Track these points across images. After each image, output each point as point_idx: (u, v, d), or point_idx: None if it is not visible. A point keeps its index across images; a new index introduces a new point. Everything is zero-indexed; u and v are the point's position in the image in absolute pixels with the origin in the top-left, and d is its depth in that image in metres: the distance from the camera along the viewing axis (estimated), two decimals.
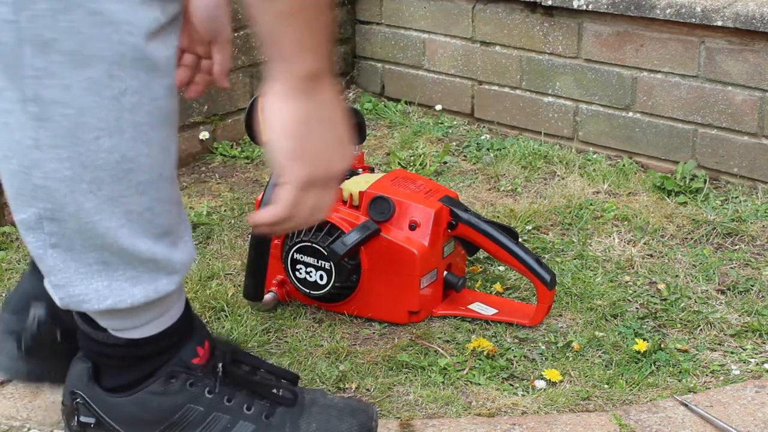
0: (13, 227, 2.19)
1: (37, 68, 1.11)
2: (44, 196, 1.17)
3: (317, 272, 1.81)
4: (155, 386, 1.33)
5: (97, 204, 1.18)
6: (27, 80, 1.11)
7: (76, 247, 1.20)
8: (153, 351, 1.32)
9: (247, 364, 1.39)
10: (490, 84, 2.70)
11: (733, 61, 2.29)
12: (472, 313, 1.84)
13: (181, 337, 1.34)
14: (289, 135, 1.17)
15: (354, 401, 1.46)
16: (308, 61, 1.16)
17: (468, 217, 1.82)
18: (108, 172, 1.17)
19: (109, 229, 1.19)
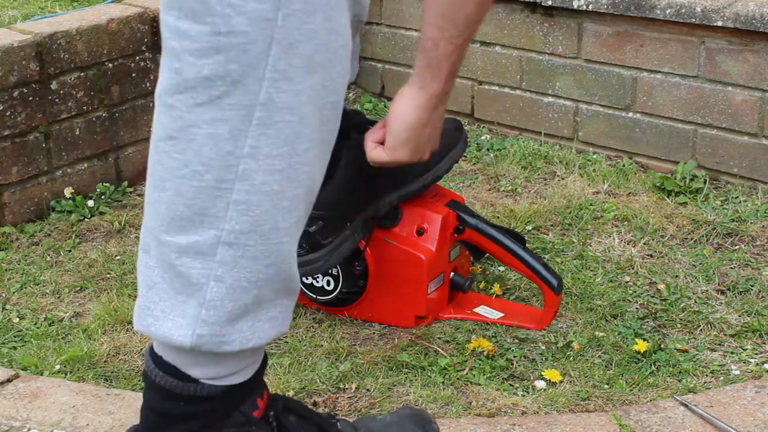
0: (13, 227, 2.19)
1: (278, 70, 1.06)
2: (237, 215, 1.09)
3: (324, 278, 1.81)
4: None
5: (290, 224, 1.13)
6: (264, 82, 1.06)
7: (243, 279, 1.12)
8: (234, 404, 1.20)
9: (294, 412, 1.29)
10: (490, 84, 2.70)
11: (733, 61, 2.29)
12: (478, 317, 1.84)
13: (255, 386, 1.24)
14: (408, 130, 1.51)
15: (406, 409, 1.40)
16: (449, 84, 1.48)
17: (475, 221, 1.82)
18: (304, 189, 1.13)
19: (290, 253, 1.15)
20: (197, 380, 1.18)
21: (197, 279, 1.12)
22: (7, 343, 1.80)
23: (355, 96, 2.93)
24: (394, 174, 1.76)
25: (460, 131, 1.91)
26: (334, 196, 1.67)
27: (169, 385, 1.18)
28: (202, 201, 1.09)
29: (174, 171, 1.10)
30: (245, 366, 1.21)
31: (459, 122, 1.94)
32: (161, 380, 1.18)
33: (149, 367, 1.19)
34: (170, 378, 1.18)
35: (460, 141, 1.89)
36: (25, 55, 2.15)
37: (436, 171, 1.82)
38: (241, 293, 1.13)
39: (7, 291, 1.97)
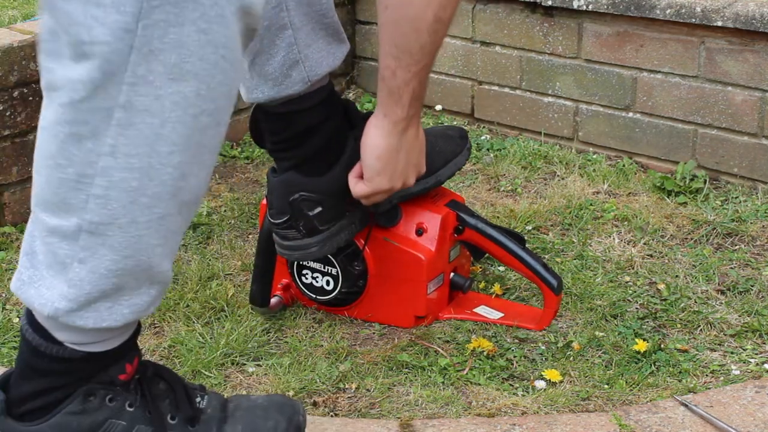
0: (13, 227, 2.19)
1: (137, 76, 1.11)
2: (96, 207, 1.16)
3: (324, 278, 1.81)
4: (73, 406, 1.28)
5: (150, 219, 1.18)
6: (124, 86, 1.11)
7: (103, 266, 1.19)
8: (97, 368, 1.29)
9: (165, 380, 1.36)
10: (490, 84, 2.70)
11: (733, 61, 2.29)
12: (478, 317, 1.84)
13: (123, 354, 1.31)
14: (380, 159, 1.59)
15: (279, 397, 1.45)
16: (413, 108, 1.55)
17: (475, 222, 1.82)
18: (168, 188, 1.18)
19: (149, 247, 1.20)
20: (62, 343, 1.26)
21: (63, 258, 1.20)
22: (7, 343, 1.80)
23: (356, 96, 2.93)
24: None
25: (465, 139, 1.91)
26: (335, 183, 1.68)
27: (36, 343, 1.27)
28: (65, 192, 1.17)
29: (44, 160, 1.18)
30: (110, 337, 1.28)
31: (464, 130, 1.94)
32: (31, 337, 1.28)
33: (24, 323, 1.29)
34: (38, 337, 1.27)
35: (464, 149, 1.89)
36: (25, 55, 2.15)
37: (438, 176, 1.83)
38: (100, 279, 1.20)
39: (7, 291, 1.97)
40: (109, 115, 1.12)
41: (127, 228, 1.17)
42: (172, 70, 1.12)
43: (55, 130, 1.15)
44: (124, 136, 1.13)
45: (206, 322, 1.84)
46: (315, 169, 1.69)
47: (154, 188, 1.17)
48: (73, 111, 1.13)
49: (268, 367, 1.71)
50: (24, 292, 1.24)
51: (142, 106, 1.12)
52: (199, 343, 1.76)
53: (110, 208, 1.16)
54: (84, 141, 1.14)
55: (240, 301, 1.89)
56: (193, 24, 1.11)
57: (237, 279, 1.99)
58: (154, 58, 1.11)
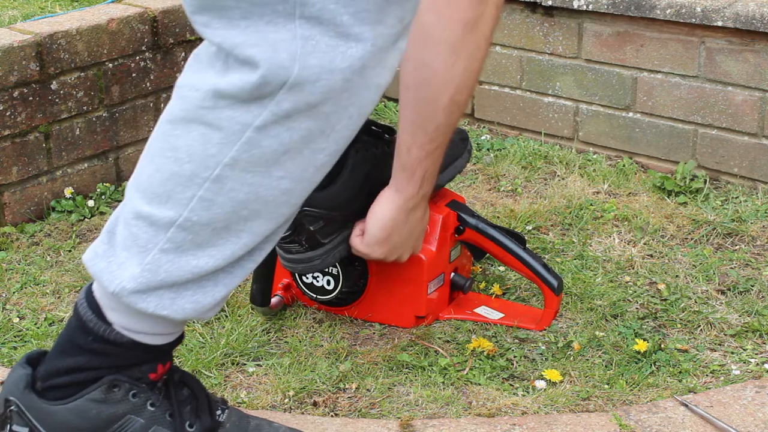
0: (13, 227, 2.19)
1: (282, 108, 1.14)
2: (198, 207, 1.19)
3: (324, 277, 1.81)
4: (96, 393, 1.30)
5: (241, 230, 1.22)
6: (265, 112, 1.15)
7: (180, 262, 1.22)
8: (134, 359, 1.30)
9: (190, 387, 1.38)
10: (490, 84, 2.70)
11: (733, 61, 2.29)
12: (478, 317, 1.84)
13: (162, 355, 1.33)
14: (383, 230, 1.65)
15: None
16: (425, 188, 1.61)
17: (475, 222, 1.82)
18: (269, 210, 1.22)
19: (233, 255, 1.23)
20: (111, 324, 1.28)
21: (144, 243, 1.22)
22: (7, 343, 1.80)
23: None
24: None
25: (466, 142, 1.91)
26: (338, 197, 1.68)
27: (86, 318, 1.28)
28: (174, 185, 1.20)
29: (164, 151, 1.21)
30: (159, 332, 1.30)
31: (465, 133, 1.94)
32: (83, 311, 1.29)
33: (80, 297, 1.31)
34: (90, 312, 1.28)
35: (465, 152, 1.90)
36: (25, 55, 2.15)
37: (438, 180, 1.82)
38: (177, 271, 1.23)
39: (8, 291, 1.97)
40: (242, 131, 1.16)
41: (220, 232, 1.21)
42: (310, 110, 1.15)
43: (188, 126, 1.18)
44: (247, 153, 1.17)
45: (206, 322, 1.84)
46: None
47: (255, 205, 1.21)
48: (211, 115, 1.16)
49: (269, 367, 1.71)
50: (95, 264, 1.26)
51: (274, 134, 1.16)
52: (199, 343, 1.76)
53: (212, 212, 1.20)
54: (210, 145, 1.17)
55: (240, 301, 1.89)
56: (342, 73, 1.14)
57: None
58: (299, 94, 1.14)
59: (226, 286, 1.27)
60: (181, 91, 1.20)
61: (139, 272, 1.23)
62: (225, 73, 1.16)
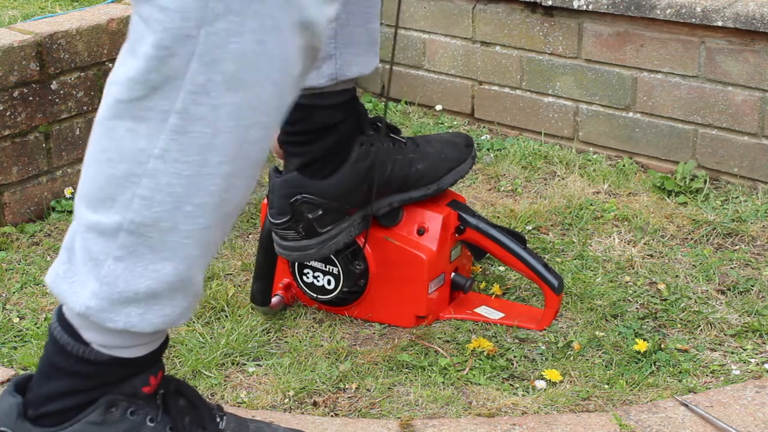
0: (13, 227, 2.19)
1: (197, 84, 1.11)
2: (140, 208, 1.15)
3: (325, 277, 1.81)
4: (94, 416, 1.26)
5: (191, 228, 1.18)
6: (181, 93, 1.11)
7: (136, 269, 1.18)
8: (121, 374, 1.27)
9: (186, 397, 1.35)
10: (490, 84, 2.70)
11: (733, 61, 2.29)
12: (478, 317, 1.84)
13: (149, 365, 1.30)
14: None
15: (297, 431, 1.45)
16: None
17: (476, 222, 1.82)
18: (214, 199, 1.17)
19: (189, 256, 1.19)
20: (89, 344, 1.25)
21: (97, 254, 1.18)
22: (7, 343, 1.80)
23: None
24: (400, 179, 1.77)
25: (470, 147, 1.91)
26: (338, 188, 1.68)
27: (63, 341, 1.25)
28: (112, 188, 1.16)
29: (96, 154, 1.18)
30: (138, 344, 1.26)
31: (470, 138, 1.94)
32: (58, 335, 1.25)
33: (53, 321, 1.27)
34: (66, 335, 1.25)
35: (469, 157, 1.90)
36: (25, 55, 2.15)
37: (440, 183, 1.83)
38: (134, 278, 1.19)
39: (8, 291, 1.97)
40: (165, 119, 1.12)
41: (167, 233, 1.17)
42: (230, 81, 1.12)
43: (112, 124, 1.15)
44: (176, 142, 1.13)
45: (206, 322, 1.84)
46: (319, 172, 1.69)
47: (201, 198, 1.16)
48: (131, 107, 1.13)
49: (269, 367, 1.71)
50: (57, 286, 1.23)
51: (199, 115, 1.12)
52: (199, 343, 1.76)
53: (154, 211, 1.15)
54: (138, 139, 1.14)
55: (240, 301, 1.89)
56: (252, 34, 1.11)
57: (237, 279, 1.99)
58: (215, 67, 1.11)
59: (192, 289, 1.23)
60: (107, 89, 1.17)
61: (98, 287, 1.19)
62: (133, 57, 1.12)
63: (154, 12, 1.09)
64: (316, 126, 1.67)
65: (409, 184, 1.79)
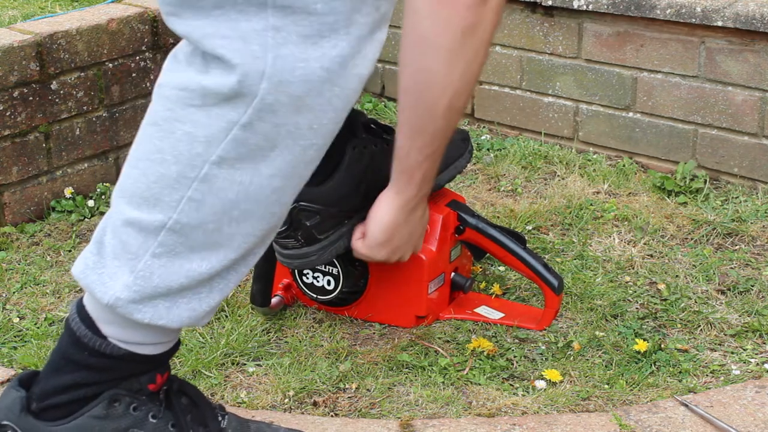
0: (13, 227, 2.19)
1: (265, 103, 1.15)
2: (188, 209, 1.19)
3: (324, 277, 1.81)
4: (97, 410, 1.28)
5: (234, 233, 1.21)
6: (250, 109, 1.15)
7: (172, 266, 1.21)
8: (132, 371, 1.29)
9: (189, 396, 1.37)
10: (490, 84, 2.70)
11: (733, 61, 2.29)
12: (478, 317, 1.84)
13: (159, 364, 1.31)
14: (384, 233, 1.63)
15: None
16: (424, 189, 1.59)
17: (476, 222, 1.82)
18: (260, 209, 1.21)
19: (225, 259, 1.23)
20: (106, 337, 1.26)
21: (135, 249, 1.21)
22: (7, 343, 1.80)
23: None
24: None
25: (467, 142, 1.91)
26: (334, 193, 1.68)
27: (80, 333, 1.27)
28: (161, 188, 1.19)
29: (148, 154, 1.20)
30: (154, 342, 1.28)
31: (466, 133, 1.94)
32: (76, 326, 1.27)
33: (71, 313, 1.29)
34: (84, 327, 1.27)
35: (466, 152, 1.90)
36: (25, 55, 2.15)
37: (438, 180, 1.82)
38: (170, 275, 1.22)
39: (8, 291, 1.97)
40: (228, 129, 1.16)
41: (211, 234, 1.20)
42: (295, 103, 1.16)
43: (173, 126, 1.17)
44: (235, 152, 1.17)
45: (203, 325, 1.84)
46: (313, 179, 1.69)
47: (247, 205, 1.20)
48: (199, 113, 1.16)
49: (269, 367, 1.71)
50: (86, 276, 1.24)
51: (261, 131, 1.16)
52: (199, 343, 1.76)
53: (202, 213, 1.19)
54: (196, 144, 1.16)
55: (240, 301, 1.89)
56: (317, 61, 1.15)
57: None
58: (283, 88, 1.14)
59: (221, 291, 1.26)
60: (163, 91, 1.19)
61: (132, 280, 1.21)
62: (206, 70, 1.15)
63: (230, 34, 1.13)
64: None
65: None
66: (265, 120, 1.15)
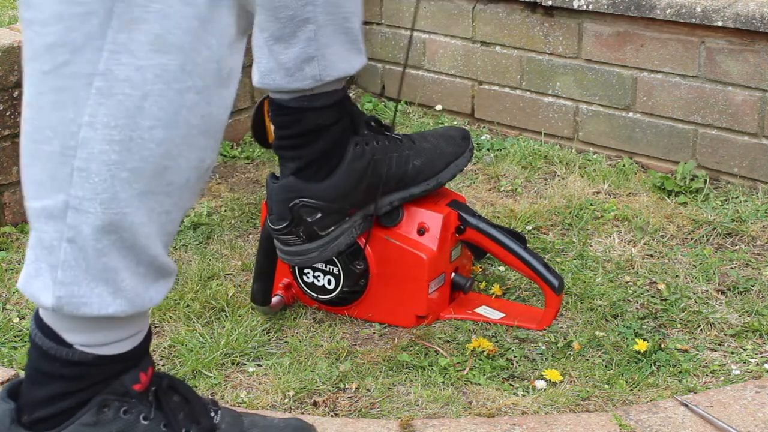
0: (13, 227, 2.19)
1: (118, 44, 1.08)
2: (80, 181, 1.12)
3: (325, 277, 1.81)
4: (87, 417, 1.24)
5: (131, 195, 1.14)
6: (104, 53, 1.08)
7: (90, 245, 1.15)
8: (109, 373, 1.25)
9: (180, 393, 1.33)
10: (490, 84, 2.70)
11: (733, 61, 2.29)
12: (479, 317, 1.84)
13: (136, 361, 1.28)
14: None
15: (294, 420, 1.43)
16: None
17: (476, 221, 1.82)
18: (150, 164, 1.14)
19: (133, 225, 1.15)
20: (71, 345, 1.23)
21: (50, 242, 1.16)
22: (7, 343, 1.80)
23: (356, 96, 2.93)
24: (398, 177, 1.76)
25: (467, 140, 1.91)
26: (336, 189, 1.68)
27: (46, 347, 1.23)
28: (52, 166, 1.13)
29: (30, 136, 1.15)
30: (120, 339, 1.24)
31: (466, 131, 1.94)
32: (40, 340, 1.23)
33: (32, 327, 1.25)
34: (47, 340, 1.23)
35: (466, 151, 1.90)
36: None
37: (439, 179, 1.83)
38: (91, 258, 1.16)
39: (8, 291, 1.97)
40: (89, 83, 1.09)
41: (108, 204, 1.13)
42: (154, 41, 1.09)
43: (40, 101, 1.12)
44: (104, 106, 1.10)
45: (206, 322, 1.84)
46: (315, 175, 1.69)
47: (135, 163, 1.13)
48: (54, 77, 1.10)
49: (268, 367, 1.71)
50: (29, 286, 1.20)
51: (123, 76, 1.09)
52: (199, 343, 1.76)
53: (92, 182, 1.12)
54: (65, 109, 1.11)
55: (240, 301, 1.89)
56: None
57: (237, 279, 1.99)
58: (136, 27, 1.08)
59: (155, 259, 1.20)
60: (24, 69, 1.13)
61: (60, 274, 1.16)
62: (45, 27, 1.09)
63: None
64: (309, 128, 1.66)
65: (408, 181, 1.79)
66: (123, 63, 1.09)
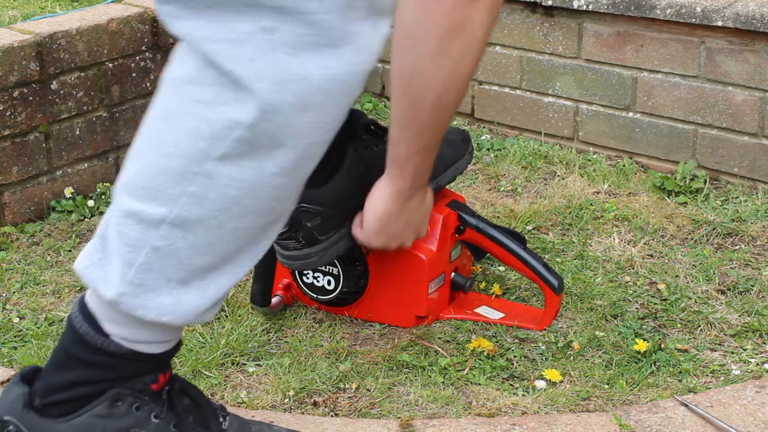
0: (13, 227, 2.19)
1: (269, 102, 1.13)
2: (189, 203, 1.17)
3: (325, 277, 1.81)
4: (99, 409, 1.27)
5: (235, 228, 1.20)
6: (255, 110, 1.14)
7: (173, 260, 1.20)
8: (137, 370, 1.28)
9: (190, 396, 1.36)
10: (491, 84, 2.70)
11: (733, 61, 2.29)
12: (479, 317, 1.84)
13: (163, 364, 1.30)
14: (379, 220, 1.64)
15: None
16: (418, 181, 1.60)
17: (476, 222, 1.82)
18: (262, 206, 1.20)
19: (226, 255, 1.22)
20: (108, 335, 1.25)
21: (135, 242, 1.19)
22: (7, 343, 1.80)
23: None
24: None
25: (467, 143, 1.91)
26: (335, 194, 1.68)
27: (83, 331, 1.25)
28: (163, 180, 1.17)
29: (152, 146, 1.19)
30: (157, 341, 1.27)
31: (466, 133, 1.94)
32: (78, 324, 1.26)
33: (74, 310, 1.27)
34: (87, 325, 1.25)
35: (466, 153, 1.90)
36: (25, 55, 2.15)
37: (438, 181, 1.82)
38: (171, 269, 1.20)
39: (8, 291, 1.97)
40: (233, 128, 1.14)
41: (212, 230, 1.19)
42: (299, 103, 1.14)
43: (180, 121, 1.16)
44: (239, 150, 1.15)
45: (206, 322, 1.84)
46: (313, 180, 1.69)
47: (250, 201, 1.19)
48: (206, 109, 1.14)
49: (269, 367, 1.71)
50: (89, 273, 1.23)
51: (266, 131, 1.14)
52: (199, 343, 1.76)
53: (203, 208, 1.17)
54: (200, 140, 1.15)
55: (240, 301, 1.89)
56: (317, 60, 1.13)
57: None
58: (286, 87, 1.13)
59: (224, 286, 1.25)
60: (172, 84, 1.17)
61: (133, 274, 1.20)
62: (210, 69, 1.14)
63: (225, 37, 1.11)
64: None
65: None
66: (269, 120, 1.14)
